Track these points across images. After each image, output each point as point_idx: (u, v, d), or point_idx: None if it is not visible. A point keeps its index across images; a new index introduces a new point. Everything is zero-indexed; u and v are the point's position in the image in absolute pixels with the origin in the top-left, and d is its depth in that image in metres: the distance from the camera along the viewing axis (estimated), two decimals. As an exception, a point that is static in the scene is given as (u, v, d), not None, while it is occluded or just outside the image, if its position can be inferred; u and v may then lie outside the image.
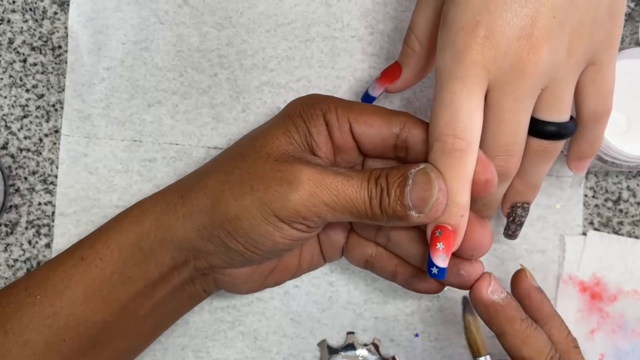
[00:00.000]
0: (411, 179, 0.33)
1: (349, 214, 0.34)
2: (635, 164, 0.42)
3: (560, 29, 0.32)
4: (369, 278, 0.46)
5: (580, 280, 0.46)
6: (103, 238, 0.37)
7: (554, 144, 0.35)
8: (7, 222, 0.46)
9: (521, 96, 0.33)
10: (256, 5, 0.46)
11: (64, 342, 0.36)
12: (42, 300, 0.36)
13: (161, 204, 0.37)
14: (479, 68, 0.32)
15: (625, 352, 0.46)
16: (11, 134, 0.46)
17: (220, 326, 0.46)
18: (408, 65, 0.39)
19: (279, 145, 0.35)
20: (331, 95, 0.38)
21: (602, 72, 0.35)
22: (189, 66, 0.46)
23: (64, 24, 0.46)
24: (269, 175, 0.34)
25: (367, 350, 0.45)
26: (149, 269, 0.36)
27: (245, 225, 0.34)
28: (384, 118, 0.36)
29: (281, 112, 0.38)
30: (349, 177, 0.33)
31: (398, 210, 0.33)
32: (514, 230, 0.40)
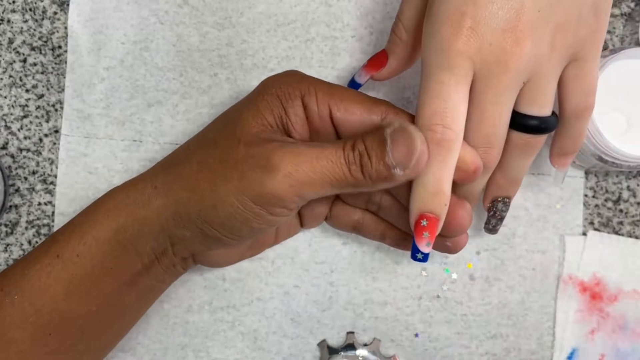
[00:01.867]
0: (389, 138, 0.32)
1: (330, 186, 0.33)
2: (635, 163, 0.42)
3: (545, 23, 0.32)
4: (369, 278, 0.46)
5: (580, 280, 0.46)
6: (77, 233, 0.36)
7: (535, 138, 0.36)
8: (7, 222, 0.46)
9: (503, 89, 0.33)
10: (256, 5, 0.46)
11: (50, 335, 0.36)
12: (20, 300, 0.35)
13: (134, 194, 0.36)
14: (464, 58, 0.32)
15: (625, 353, 0.46)
16: (11, 134, 0.46)
17: (220, 326, 0.46)
18: (394, 53, 0.39)
19: (249, 129, 0.34)
20: (311, 76, 0.37)
21: (585, 68, 0.35)
22: (189, 66, 0.46)
23: (63, 24, 0.46)
24: (242, 162, 0.33)
25: (367, 350, 0.45)
26: (130, 259, 0.36)
27: (222, 214, 0.34)
28: (365, 106, 0.35)
29: (256, 90, 0.37)
30: (322, 147, 0.33)
31: (382, 171, 0.33)
32: (494, 224, 0.41)
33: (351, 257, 0.46)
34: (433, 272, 0.46)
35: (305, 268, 0.46)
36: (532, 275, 0.46)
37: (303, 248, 0.46)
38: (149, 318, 0.45)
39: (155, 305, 0.45)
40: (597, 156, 0.42)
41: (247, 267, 0.46)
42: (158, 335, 0.46)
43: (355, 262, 0.46)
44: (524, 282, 0.46)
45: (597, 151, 0.42)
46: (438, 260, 0.46)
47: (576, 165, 0.46)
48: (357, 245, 0.46)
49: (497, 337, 0.46)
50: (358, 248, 0.46)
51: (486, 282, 0.46)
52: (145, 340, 0.46)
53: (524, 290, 0.46)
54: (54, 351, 0.36)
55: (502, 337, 0.46)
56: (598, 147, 0.41)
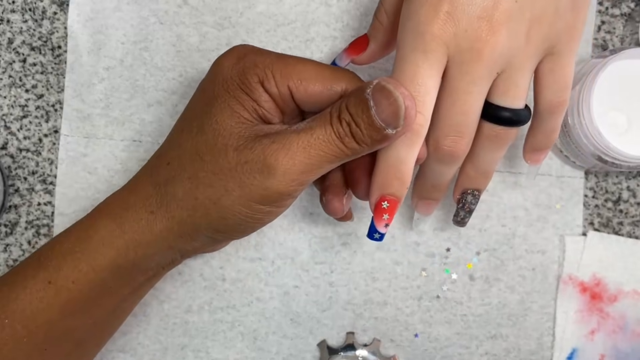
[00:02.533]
0: (371, 100, 0.32)
1: (329, 163, 0.33)
2: (635, 164, 0.42)
3: (521, 13, 0.32)
4: (369, 278, 0.46)
5: (580, 280, 0.46)
6: (70, 262, 0.35)
7: (507, 130, 0.35)
8: (7, 222, 0.46)
9: (476, 78, 0.33)
10: (256, 5, 0.46)
11: (46, 351, 0.35)
12: (12, 324, 0.34)
13: (129, 223, 0.35)
14: (439, 42, 0.32)
15: (625, 353, 0.46)
16: (11, 134, 0.46)
17: (220, 326, 0.46)
18: (375, 38, 0.39)
19: (232, 131, 0.33)
20: (263, 51, 0.35)
21: (561, 63, 0.35)
22: (189, 66, 0.46)
23: (63, 24, 0.46)
24: (237, 170, 0.33)
25: (366, 351, 0.45)
26: (134, 278, 0.36)
27: (231, 222, 0.34)
28: (325, 83, 0.34)
29: (214, 83, 0.35)
30: (310, 129, 0.32)
31: (374, 135, 0.32)
32: (462, 217, 0.40)
33: (351, 257, 0.46)
34: (433, 272, 0.46)
35: (305, 268, 0.46)
36: (532, 275, 0.46)
37: (303, 248, 0.46)
38: (149, 318, 0.45)
39: (155, 305, 0.45)
40: (597, 156, 0.42)
41: (247, 268, 0.46)
42: (158, 336, 0.46)
43: (355, 262, 0.46)
44: (524, 282, 0.46)
45: (597, 151, 0.42)
46: (438, 260, 0.46)
47: (576, 165, 0.46)
48: (357, 245, 0.46)
49: (497, 338, 0.46)
50: (358, 248, 0.46)
51: (486, 282, 0.46)
52: (145, 340, 0.46)
53: (524, 291, 0.46)
54: None
55: (502, 338, 0.46)
56: (598, 147, 0.41)
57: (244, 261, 0.46)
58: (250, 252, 0.46)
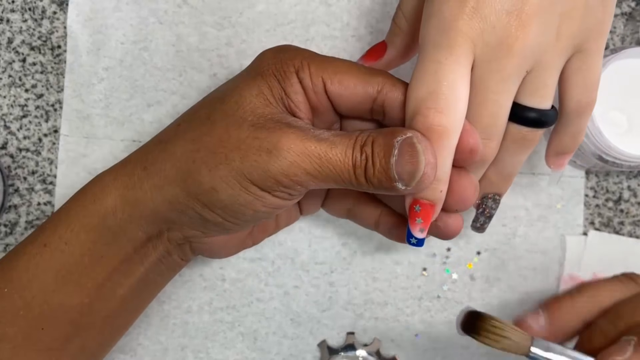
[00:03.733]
0: (397, 149, 0.31)
1: (333, 181, 0.32)
2: (635, 163, 0.42)
3: (552, 8, 0.31)
4: (369, 278, 0.46)
5: (581, 280, 0.46)
6: (64, 221, 0.35)
7: (533, 132, 0.34)
8: (7, 222, 0.46)
9: (506, 76, 0.32)
10: (256, 5, 0.46)
11: (44, 330, 0.35)
12: (10, 293, 0.34)
13: (122, 177, 0.34)
14: (465, 39, 0.31)
15: (626, 353, 0.46)
16: (10, 134, 0.46)
17: (220, 327, 0.46)
18: (394, 44, 0.38)
19: (255, 108, 0.33)
20: (305, 49, 0.35)
21: (589, 61, 0.34)
22: (189, 66, 0.46)
23: (63, 23, 0.46)
24: (245, 143, 0.32)
25: (367, 351, 0.45)
26: (122, 246, 0.35)
27: (222, 196, 0.32)
28: (360, 78, 0.33)
29: (251, 67, 0.35)
30: (332, 144, 0.32)
31: (383, 181, 0.32)
32: (482, 222, 0.39)
33: (351, 258, 0.46)
34: (433, 272, 0.46)
35: (305, 268, 0.46)
36: (533, 275, 0.46)
37: (303, 248, 0.46)
38: (149, 319, 0.45)
39: (155, 306, 0.45)
40: (597, 156, 0.42)
41: (247, 268, 0.46)
42: (158, 336, 0.46)
43: (355, 263, 0.46)
44: (525, 282, 0.46)
45: (597, 151, 0.42)
46: (438, 260, 0.46)
47: (577, 165, 0.46)
48: (357, 245, 0.46)
49: (497, 338, 0.46)
50: (358, 248, 0.46)
51: (486, 282, 0.46)
52: (145, 341, 0.46)
53: (525, 291, 0.46)
54: (49, 347, 0.35)
55: (502, 338, 0.46)
56: (598, 147, 0.41)
57: (244, 261, 0.46)
58: (250, 252, 0.46)
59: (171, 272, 0.39)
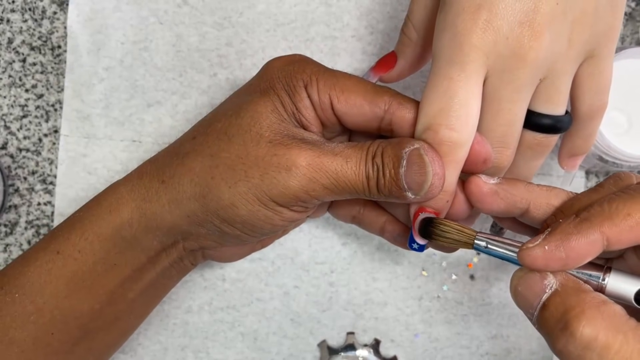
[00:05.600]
0: (405, 159, 0.32)
1: (348, 194, 0.33)
2: (635, 164, 0.42)
3: (563, 16, 0.31)
4: (369, 278, 0.46)
5: (580, 280, 0.46)
6: (78, 229, 0.35)
7: (548, 138, 0.35)
8: (7, 222, 0.46)
9: (520, 85, 0.32)
10: (256, 5, 0.46)
11: (53, 335, 0.35)
12: (21, 299, 0.35)
13: (139, 189, 0.35)
14: (479, 53, 0.31)
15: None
16: (10, 134, 0.46)
17: (220, 327, 0.46)
18: (404, 54, 0.38)
19: (271, 124, 0.33)
20: (314, 61, 0.35)
21: (600, 66, 0.34)
22: (189, 66, 0.46)
23: (63, 23, 0.46)
24: (264, 160, 0.32)
25: (367, 351, 0.45)
26: (135, 255, 0.35)
27: (242, 212, 0.33)
28: (367, 98, 0.34)
29: (260, 78, 0.35)
30: (347, 158, 0.32)
31: (394, 191, 0.32)
32: (501, 227, 0.40)
33: (351, 258, 0.46)
34: (433, 272, 0.46)
35: (305, 268, 0.46)
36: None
37: (303, 249, 0.46)
38: (149, 318, 0.45)
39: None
40: (597, 156, 0.42)
41: (247, 268, 0.46)
42: (158, 336, 0.46)
43: (355, 263, 0.46)
44: (525, 282, 0.46)
45: (597, 151, 0.42)
46: (438, 260, 0.46)
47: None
48: (357, 245, 0.46)
49: (497, 338, 0.46)
50: (358, 249, 0.46)
51: (486, 282, 0.46)
52: (145, 341, 0.46)
53: (525, 291, 0.46)
54: (56, 351, 0.35)
55: (502, 338, 0.46)
56: (599, 147, 0.41)
57: (244, 261, 0.46)
58: (250, 252, 0.46)
59: (180, 276, 0.40)
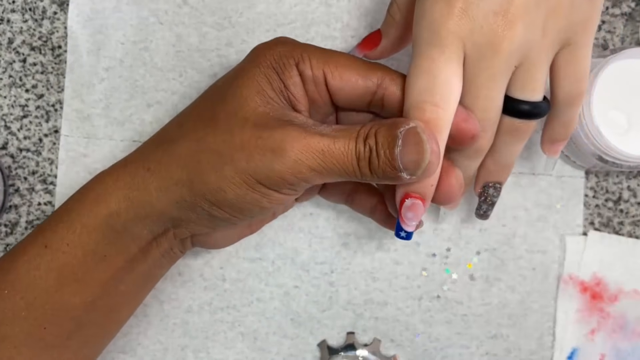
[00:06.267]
0: (400, 139, 0.32)
1: (337, 175, 0.33)
2: (635, 164, 0.42)
3: (537, 6, 0.32)
4: (369, 278, 0.46)
5: (580, 280, 0.46)
6: (65, 222, 0.35)
7: (527, 123, 0.35)
8: (7, 222, 0.46)
9: (495, 73, 0.33)
10: (256, 5, 0.46)
11: (46, 329, 0.35)
12: (10, 294, 0.34)
13: (125, 178, 0.35)
14: (456, 38, 0.32)
15: (625, 352, 0.46)
16: (11, 134, 0.46)
17: (220, 327, 0.46)
18: (388, 34, 0.39)
19: (255, 107, 0.33)
20: (303, 43, 0.35)
21: (578, 54, 0.35)
22: (189, 66, 0.46)
23: (63, 23, 0.46)
24: (249, 143, 0.32)
25: (367, 351, 0.45)
26: (126, 245, 0.35)
27: (230, 195, 0.33)
28: (360, 72, 0.34)
29: (248, 61, 0.35)
30: (334, 138, 0.32)
31: (388, 172, 0.32)
32: (485, 210, 0.40)
33: (351, 258, 0.46)
34: (433, 272, 0.46)
35: (305, 268, 0.46)
36: (533, 275, 0.46)
37: (303, 248, 0.46)
38: (149, 319, 0.45)
39: (156, 306, 0.45)
40: (597, 156, 0.42)
41: (247, 268, 0.46)
42: (158, 336, 0.46)
43: (355, 263, 0.46)
44: (524, 282, 0.46)
45: (597, 151, 0.42)
46: (438, 260, 0.46)
47: (576, 165, 0.46)
48: (357, 245, 0.46)
49: (497, 337, 0.46)
50: (358, 248, 0.46)
51: (486, 282, 0.46)
52: (145, 341, 0.46)
53: (524, 290, 0.46)
54: (50, 345, 0.35)
55: (502, 337, 0.46)
56: (598, 147, 0.41)
57: (244, 261, 0.46)
58: (250, 252, 0.46)
59: (170, 264, 0.39)
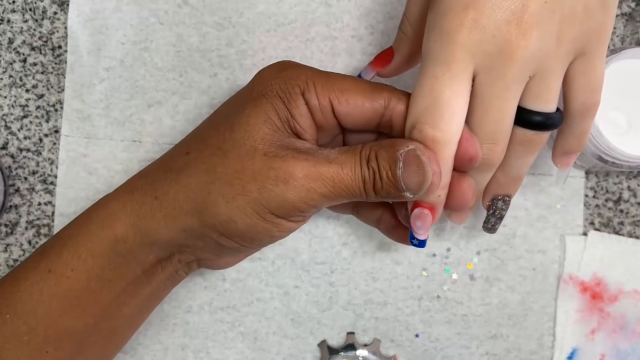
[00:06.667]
0: (401, 161, 0.32)
1: (345, 198, 0.33)
2: (635, 164, 0.42)
3: (551, 15, 0.31)
4: (369, 278, 0.46)
5: (580, 280, 0.46)
6: (70, 247, 0.35)
7: (539, 135, 0.35)
8: (7, 222, 0.46)
9: (509, 82, 0.32)
10: (256, 5, 0.46)
11: (47, 353, 0.35)
12: (13, 319, 0.34)
13: (132, 205, 0.35)
14: (464, 52, 0.31)
15: (625, 352, 0.46)
16: (11, 134, 0.46)
17: (220, 327, 0.46)
18: (400, 51, 0.38)
19: (264, 136, 0.33)
20: (306, 66, 0.35)
21: (592, 63, 0.34)
22: (189, 66, 0.46)
23: (63, 24, 0.46)
24: (261, 174, 0.32)
25: (367, 351, 0.45)
26: (130, 269, 0.35)
27: (240, 226, 0.33)
28: (366, 95, 0.34)
29: (253, 86, 0.35)
30: (342, 164, 0.32)
31: (392, 192, 0.32)
32: (493, 223, 0.39)
33: (351, 258, 0.46)
34: (433, 272, 0.46)
35: (306, 268, 0.46)
36: (533, 275, 0.46)
37: (303, 248, 0.46)
38: (149, 319, 0.45)
39: (156, 305, 0.46)
40: (597, 156, 0.42)
41: (247, 268, 0.46)
42: (158, 336, 0.46)
43: (355, 263, 0.46)
44: (524, 282, 0.46)
45: (597, 151, 0.42)
46: (438, 260, 0.46)
47: (577, 165, 0.46)
48: (357, 245, 0.46)
49: (497, 337, 0.46)
50: (358, 248, 0.46)
51: (486, 282, 0.46)
52: (145, 340, 0.46)
53: (525, 291, 0.46)
54: None
55: (502, 337, 0.46)
56: (598, 147, 0.41)
57: (244, 261, 0.46)
58: (250, 252, 0.46)
59: (173, 285, 0.39)
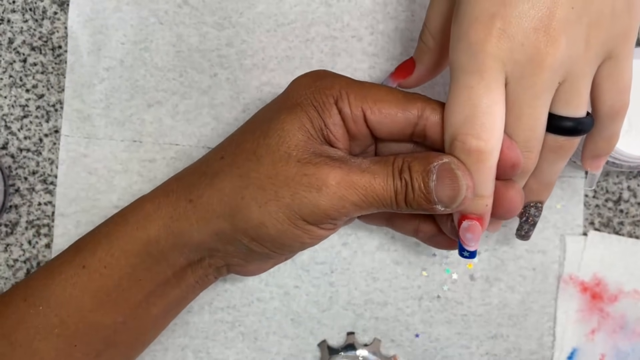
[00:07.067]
0: (435, 174, 0.32)
1: (375, 208, 0.33)
2: (635, 164, 0.42)
3: (579, 20, 0.31)
4: (370, 278, 0.46)
5: (580, 280, 0.46)
6: (104, 245, 0.36)
7: (571, 140, 0.34)
8: (7, 222, 0.46)
9: (539, 90, 0.32)
10: (256, 5, 0.46)
11: (76, 347, 0.35)
12: (45, 311, 0.35)
13: (166, 207, 0.35)
14: (495, 61, 0.31)
15: (625, 353, 0.46)
16: (11, 134, 0.46)
17: (220, 327, 0.46)
18: (422, 61, 0.38)
19: (298, 143, 0.33)
20: (340, 75, 0.35)
21: (619, 66, 0.34)
22: (189, 66, 0.46)
23: (63, 24, 0.46)
24: (294, 180, 0.32)
25: (367, 351, 0.45)
26: (161, 270, 0.36)
27: (272, 231, 0.33)
28: (400, 105, 0.34)
29: (288, 95, 0.36)
30: (374, 174, 0.33)
31: (423, 205, 0.33)
32: (527, 230, 0.39)
33: (351, 258, 0.46)
34: (433, 272, 0.46)
35: (306, 268, 0.46)
36: (533, 275, 0.46)
37: (303, 248, 0.46)
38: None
39: (156, 305, 0.46)
40: (597, 156, 0.42)
41: (247, 268, 0.46)
42: (158, 336, 0.46)
43: (356, 263, 0.46)
44: (525, 282, 0.46)
45: (597, 151, 0.42)
46: (438, 260, 0.46)
47: (577, 165, 0.46)
48: (357, 245, 0.46)
49: (497, 338, 0.46)
50: (358, 248, 0.46)
51: (486, 282, 0.46)
52: (145, 340, 0.46)
53: (525, 291, 0.46)
54: None
55: (502, 338, 0.46)
56: (599, 148, 0.41)
57: (244, 261, 0.46)
58: (250, 252, 0.46)
59: (203, 289, 0.40)
